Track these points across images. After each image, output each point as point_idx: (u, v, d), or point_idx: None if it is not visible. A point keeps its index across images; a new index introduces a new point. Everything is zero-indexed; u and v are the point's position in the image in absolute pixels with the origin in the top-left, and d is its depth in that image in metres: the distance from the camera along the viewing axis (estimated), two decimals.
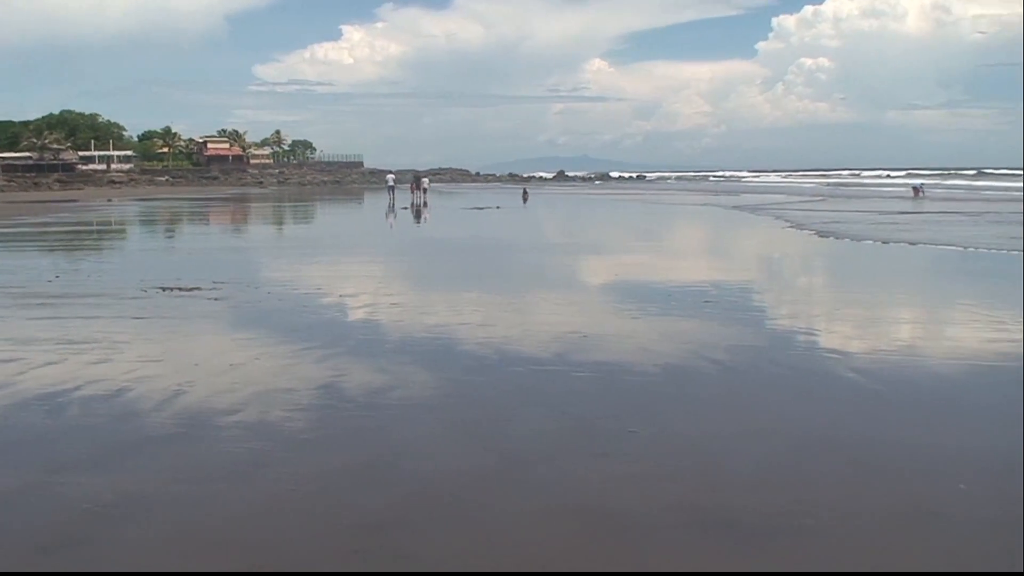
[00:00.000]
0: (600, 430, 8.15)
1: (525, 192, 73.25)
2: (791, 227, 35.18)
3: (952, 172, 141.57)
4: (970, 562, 5.52)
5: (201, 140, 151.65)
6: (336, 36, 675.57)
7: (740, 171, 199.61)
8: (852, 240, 28.98)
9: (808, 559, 5.54)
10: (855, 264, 23.29)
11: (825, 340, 12.35)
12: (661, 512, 6.23)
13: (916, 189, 70.32)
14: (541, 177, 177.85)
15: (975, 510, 6.28)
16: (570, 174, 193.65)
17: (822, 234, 31.06)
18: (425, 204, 59.05)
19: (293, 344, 11.90)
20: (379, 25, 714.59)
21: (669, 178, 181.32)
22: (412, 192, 64.57)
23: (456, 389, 9.68)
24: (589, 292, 18.16)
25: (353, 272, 21.09)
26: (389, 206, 56.09)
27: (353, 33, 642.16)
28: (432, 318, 14.07)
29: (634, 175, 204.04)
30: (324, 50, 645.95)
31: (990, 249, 25.02)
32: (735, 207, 54.62)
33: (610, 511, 6.24)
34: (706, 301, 15.52)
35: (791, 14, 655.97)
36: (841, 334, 12.80)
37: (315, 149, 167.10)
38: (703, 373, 10.34)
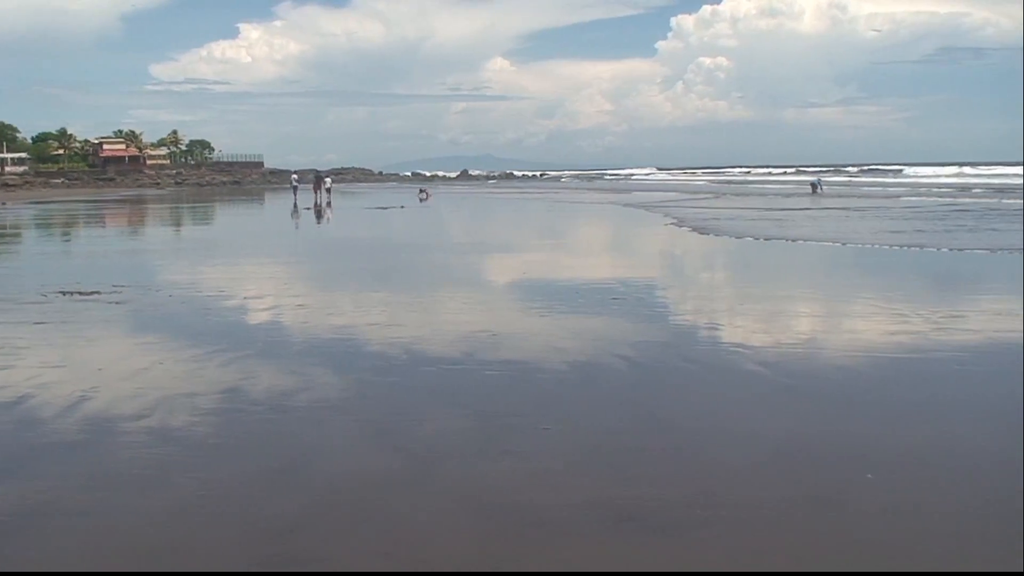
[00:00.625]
0: (511, 428, 8.24)
1: (422, 191, 72.43)
2: (674, 223, 35.72)
3: (842, 168, 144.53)
4: (876, 552, 5.70)
5: (97, 141, 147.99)
6: (233, 34, 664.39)
7: (644, 168, 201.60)
8: (732, 237, 29.23)
9: (715, 550, 5.68)
10: (741, 260, 23.71)
11: (728, 335, 12.58)
12: (572, 508, 6.33)
13: (814, 185, 71.87)
14: (445, 176, 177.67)
15: (880, 498, 6.48)
16: (474, 173, 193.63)
17: (702, 231, 31.45)
18: (328, 204, 58.52)
19: (198, 348, 11.76)
20: (277, 23, 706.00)
21: (562, 177, 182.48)
22: (315, 192, 63.92)
23: (365, 390, 9.69)
24: (495, 290, 18.25)
25: (256, 273, 20.86)
26: (293, 206, 55.55)
27: (251, 31, 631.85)
28: (339, 319, 14.03)
29: (537, 173, 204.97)
30: (221, 49, 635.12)
31: (873, 245, 25.60)
32: (627, 204, 55.48)
33: (521, 508, 6.33)
34: (614, 298, 15.74)
35: (690, 14, 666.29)
36: (744, 329, 13.04)
37: (213, 149, 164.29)
38: (612, 369, 10.48)
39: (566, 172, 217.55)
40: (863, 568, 5.48)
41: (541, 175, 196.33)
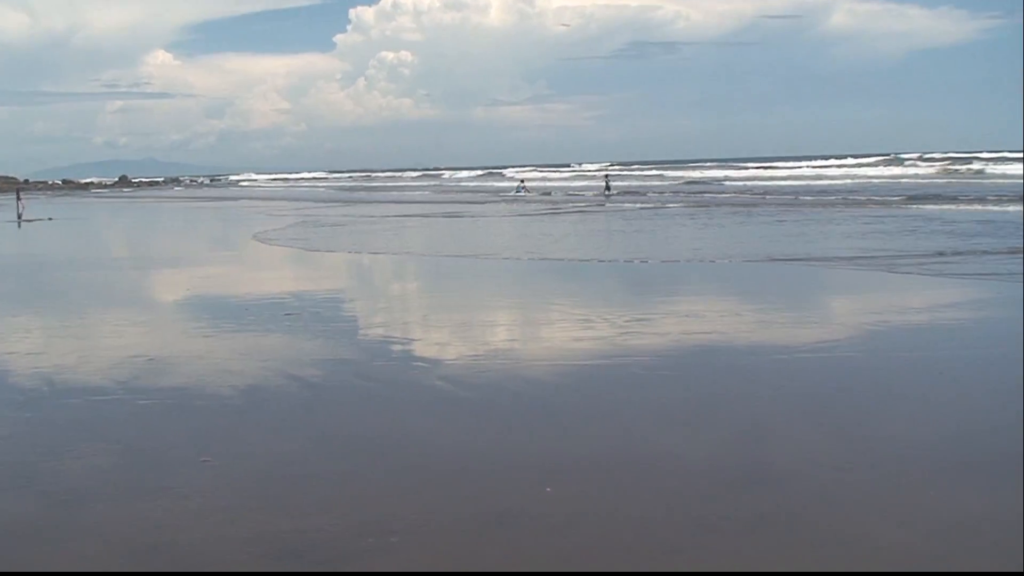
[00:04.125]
0: (168, 461, 7.98)
1: (18, 200, 55.18)
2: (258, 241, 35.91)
3: (540, 168, 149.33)
4: (548, 563, 5.91)
5: None
6: None
7: (315, 172, 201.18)
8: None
9: None
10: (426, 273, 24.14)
11: (410, 349, 12.73)
12: (232, 545, 6.20)
13: (519, 186, 74.07)
14: (101, 183, 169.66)
15: (560, 510, 6.72)
16: (135, 179, 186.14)
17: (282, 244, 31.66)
18: None
19: None
20: None
21: (182, 181, 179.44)
22: None
23: None
24: (153, 310, 17.63)
25: None
26: None
27: None
28: None
29: (206, 179, 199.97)
30: None
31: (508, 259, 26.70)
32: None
33: (177, 548, 6.13)
34: (288, 314, 15.54)
35: (369, 6, 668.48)
36: (426, 342, 13.23)
37: None
38: (283, 392, 10.37)
39: (232, 176, 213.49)
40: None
41: (212, 180, 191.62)
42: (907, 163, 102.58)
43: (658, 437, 8.59)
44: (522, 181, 79.03)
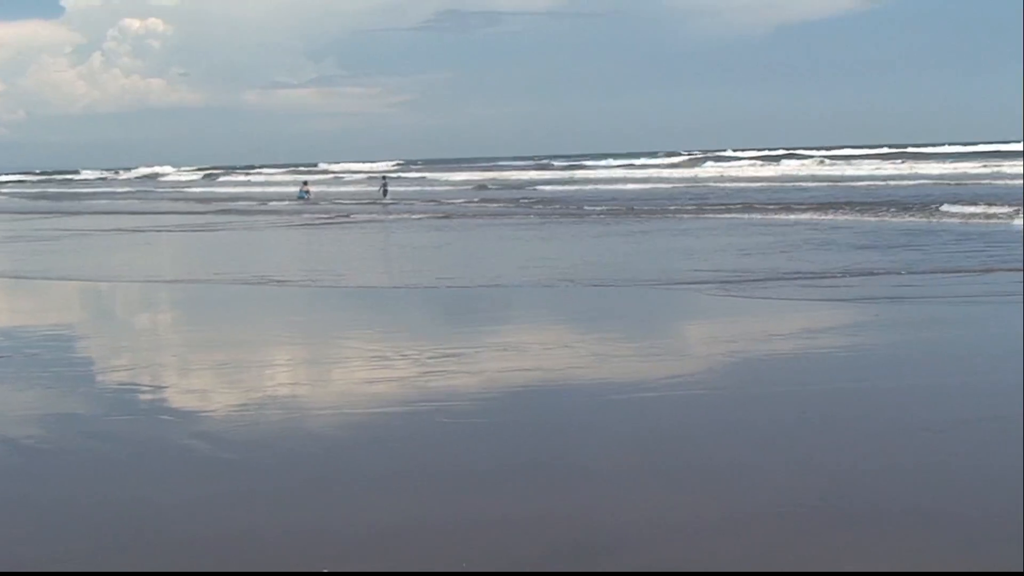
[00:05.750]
0: None
1: None
2: None
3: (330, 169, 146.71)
4: None
5: None
6: None
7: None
8: None
9: None
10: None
11: (159, 398, 11.95)
12: None
13: (302, 189, 73.32)
14: None
15: None
16: None
17: None
18: None
19: None
20: None
21: None
22: None
23: None
24: None
25: None
26: None
27: None
28: None
29: None
30: None
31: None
32: None
33: None
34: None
35: None
36: (179, 389, 12.36)
37: None
38: None
39: None
40: None
41: None
42: (749, 163, 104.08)
43: (460, 503, 8.14)
44: (305, 183, 78.47)
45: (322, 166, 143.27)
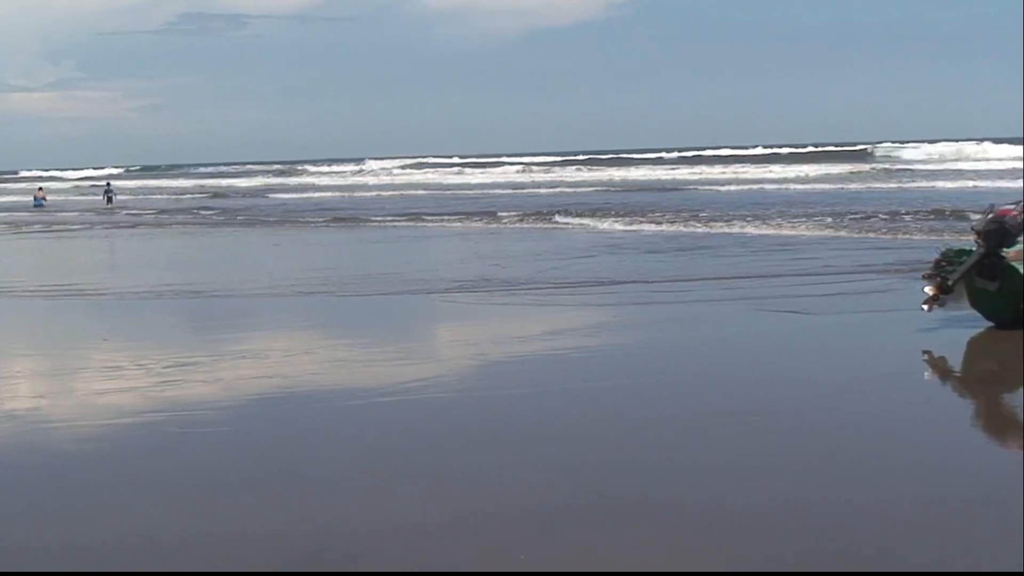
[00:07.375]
0: None
1: None
2: None
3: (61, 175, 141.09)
4: None
5: None
6: None
7: None
8: None
9: None
10: None
11: None
12: None
13: (37, 196, 70.88)
14: None
15: None
16: None
17: None
18: None
19: None
20: None
21: None
22: None
23: None
24: None
25: None
26: None
27: None
28: None
29: None
30: None
31: None
32: None
33: None
34: None
35: None
36: None
37: None
38: None
39: None
40: None
41: None
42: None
43: (190, 516, 7.91)
44: (40, 189, 75.56)
45: (56, 173, 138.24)
